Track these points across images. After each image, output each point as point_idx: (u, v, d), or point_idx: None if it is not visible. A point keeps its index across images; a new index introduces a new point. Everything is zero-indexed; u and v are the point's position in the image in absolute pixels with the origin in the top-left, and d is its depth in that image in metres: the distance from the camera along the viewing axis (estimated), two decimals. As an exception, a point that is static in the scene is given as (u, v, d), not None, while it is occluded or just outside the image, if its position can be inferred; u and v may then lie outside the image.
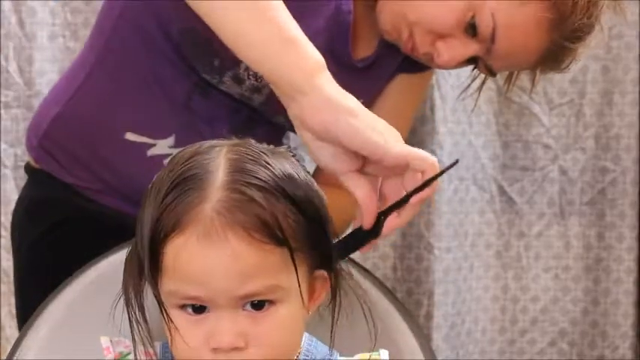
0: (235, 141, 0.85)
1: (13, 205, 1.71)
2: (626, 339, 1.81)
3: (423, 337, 1.01)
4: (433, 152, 1.71)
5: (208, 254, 0.78)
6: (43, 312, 1.03)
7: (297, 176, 0.82)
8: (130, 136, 1.16)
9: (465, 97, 1.32)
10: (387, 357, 0.88)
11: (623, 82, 1.75)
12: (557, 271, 1.81)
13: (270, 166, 0.81)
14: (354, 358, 0.89)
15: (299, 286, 0.80)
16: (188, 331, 0.80)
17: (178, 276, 0.79)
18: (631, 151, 1.77)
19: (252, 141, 0.85)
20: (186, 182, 0.80)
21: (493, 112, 1.77)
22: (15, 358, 1.01)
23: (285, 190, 0.80)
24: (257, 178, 0.79)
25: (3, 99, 1.69)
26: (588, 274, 1.81)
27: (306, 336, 0.89)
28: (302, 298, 0.81)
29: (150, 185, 0.84)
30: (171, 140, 1.15)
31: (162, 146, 1.16)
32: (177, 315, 0.81)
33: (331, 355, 0.89)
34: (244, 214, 0.78)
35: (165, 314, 0.81)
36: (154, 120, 1.16)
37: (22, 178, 1.72)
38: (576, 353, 1.82)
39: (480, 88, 1.27)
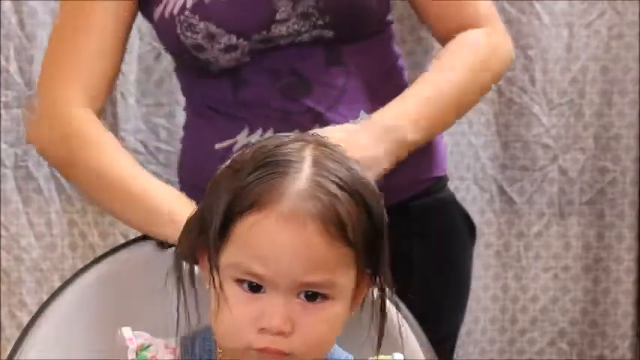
0: (318, 139, 0.87)
1: (13, 205, 1.72)
2: (626, 339, 1.81)
3: (423, 337, 1.02)
4: (433, 152, 1.71)
5: (283, 236, 0.80)
6: (44, 312, 1.04)
7: (372, 184, 0.85)
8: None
9: None
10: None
11: (623, 82, 1.75)
12: (557, 270, 1.81)
13: (352, 169, 0.83)
14: None
15: (354, 288, 0.83)
16: (239, 305, 0.82)
17: (247, 251, 0.81)
18: (631, 151, 1.77)
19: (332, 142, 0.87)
20: (270, 166, 0.82)
21: (493, 112, 1.77)
22: (15, 358, 1.01)
23: (362, 195, 0.82)
24: (338, 177, 0.82)
25: (3, 99, 1.69)
26: (588, 274, 1.81)
27: None
28: (350, 299, 0.84)
29: (226, 165, 0.86)
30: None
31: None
32: (231, 288, 0.82)
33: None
34: (325, 207, 0.80)
35: (218, 284, 0.82)
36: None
37: (22, 178, 1.72)
38: (576, 353, 1.82)
39: None
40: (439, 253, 1.25)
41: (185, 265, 0.88)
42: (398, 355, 0.89)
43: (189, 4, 1.15)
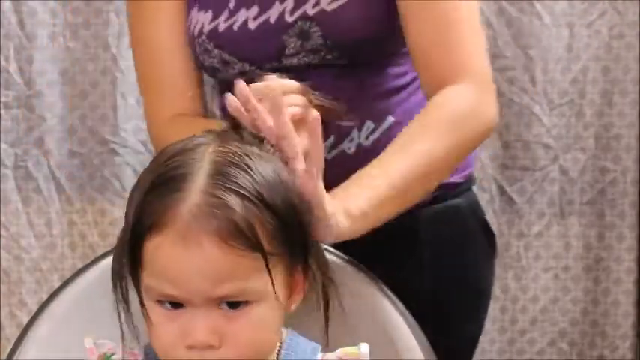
0: (223, 138, 0.85)
1: (13, 205, 1.72)
2: (626, 339, 1.81)
3: (423, 337, 1.02)
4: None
5: (183, 257, 0.79)
6: (44, 311, 1.04)
7: (278, 181, 0.83)
8: None
9: None
10: (367, 350, 0.88)
11: (623, 82, 1.75)
12: (557, 271, 1.82)
13: (252, 171, 0.82)
14: (335, 352, 0.89)
15: (273, 288, 0.82)
16: (163, 325, 0.82)
17: (156, 274, 0.81)
18: (631, 151, 1.77)
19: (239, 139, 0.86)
20: (167, 182, 0.81)
21: (493, 112, 1.77)
22: (15, 357, 1.01)
23: (263, 197, 0.81)
24: (236, 183, 0.80)
25: (3, 99, 1.69)
26: (588, 274, 1.81)
27: (287, 332, 0.90)
28: (278, 298, 0.83)
29: (138, 178, 0.86)
30: None
31: None
32: (154, 308, 0.82)
33: (314, 355, 0.89)
34: (219, 220, 0.79)
35: (143, 307, 0.83)
36: None
37: (22, 178, 1.72)
38: (576, 353, 1.82)
39: None
40: (450, 262, 1.23)
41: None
42: (364, 345, 0.89)
43: (205, 30, 1.16)
